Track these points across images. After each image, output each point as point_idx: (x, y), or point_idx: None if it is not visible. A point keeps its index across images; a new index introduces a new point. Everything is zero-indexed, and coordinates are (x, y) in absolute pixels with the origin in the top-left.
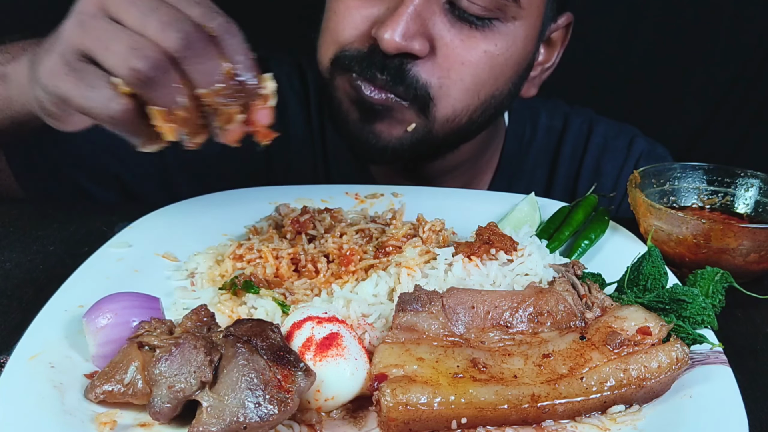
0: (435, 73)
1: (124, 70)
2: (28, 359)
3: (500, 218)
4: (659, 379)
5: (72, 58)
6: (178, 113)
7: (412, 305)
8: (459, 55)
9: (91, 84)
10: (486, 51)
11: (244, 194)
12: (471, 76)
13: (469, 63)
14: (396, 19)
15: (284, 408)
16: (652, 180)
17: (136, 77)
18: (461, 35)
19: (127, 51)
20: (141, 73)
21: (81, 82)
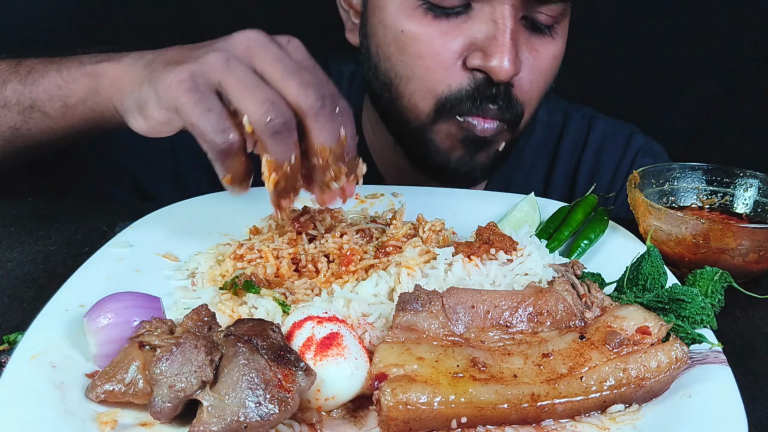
0: (524, 88)
1: (259, 116)
2: (29, 359)
3: (500, 218)
4: (659, 378)
5: (203, 83)
6: (285, 168)
7: (412, 305)
8: (537, 66)
9: (211, 108)
10: (554, 56)
11: (245, 194)
12: (545, 81)
13: (544, 70)
14: (503, 47)
15: (285, 407)
16: (652, 180)
17: (267, 126)
18: (535, 47)
19: (266, 101)
20: (272, 124)
21: (203, 103)
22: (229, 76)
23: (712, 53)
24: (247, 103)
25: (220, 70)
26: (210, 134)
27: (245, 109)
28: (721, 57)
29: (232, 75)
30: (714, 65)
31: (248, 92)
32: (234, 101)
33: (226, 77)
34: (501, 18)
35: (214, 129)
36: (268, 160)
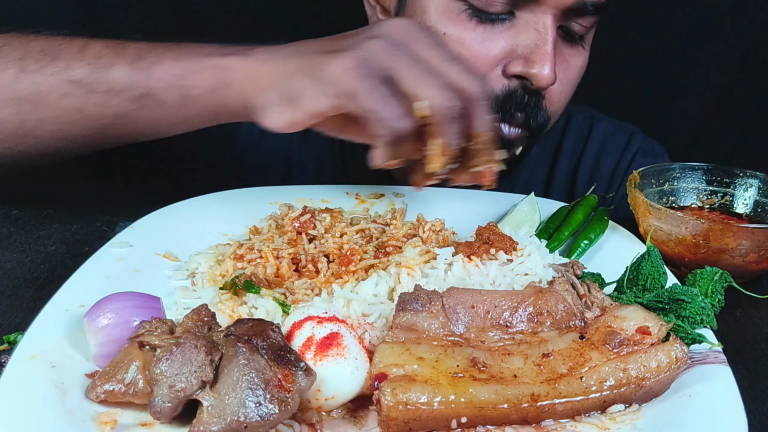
0: (553, 98)
1: (442, 101)
2: (29, 359)
3: (500, 218)
4: (659, 378)
5: (375, 72)
6: (452, 151)
7: (412, 305)
8: (566, 77)
9: (385, 95)
10: (582, 66)
11: (244, 194)
12: (571, 90)
13: (572, 81)
14: (547, 54)
15: (285, 407)
16: (652, 180)
17: (449, 111)
18: (566, 57)
19: (442, 87)
20: (453, 110)
21: (378, 90)
22: (399, 63)
23: (713, 53)
24: (426, 89)
25: (388, 57)
26: (391, 120)
27: (424, 95)
28: (721, 57)
29: (401, 61)
30: (714, 65)
31: (423, 78)
32: (408, 87)
33: (396, 63)
34: (543, 27)
35: (395, 115)
36: (442, 144)
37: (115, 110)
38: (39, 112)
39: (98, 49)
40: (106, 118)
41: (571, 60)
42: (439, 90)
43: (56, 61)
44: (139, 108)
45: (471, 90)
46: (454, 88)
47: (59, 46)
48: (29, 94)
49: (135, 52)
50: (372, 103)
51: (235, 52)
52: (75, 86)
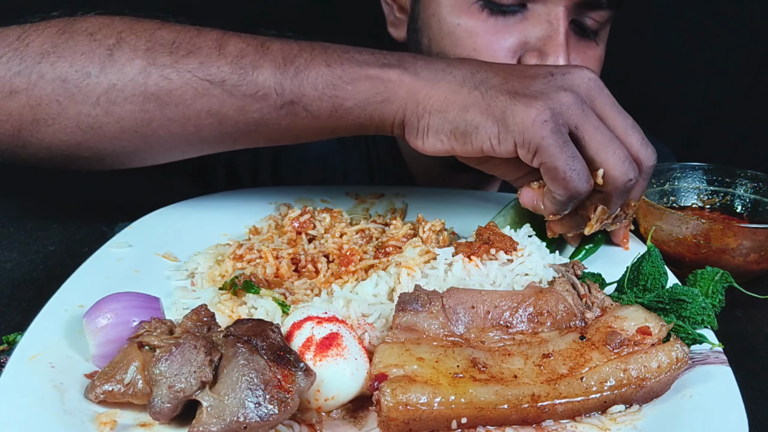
0: None
1: (621, 174)
2: (29, 359)
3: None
4: (659, 378)
5: (563, 126)
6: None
7: (412, 305)
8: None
9: (575, 156)
10: (599, 58)
11: (244, 194)
12: None
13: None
14: (559, 48)
15: (284, 408)
16: (652, 180)
17: (625, 185)
18: (582, 50)
19: (627, 159)
20: (629, 184)
21: (567, 147)
22: (588, 124)
23: (713, 53)
24: (610, 159)
25: (578, 115)
26: (575, 181)
27: (605, 164)
28: (721, 57)
29: (590, 123)
30: (714, 65)
31: (608, 147)
32: (593, 152)
33: (585, 124)
34: (555, 19)
35: (580, 177)
36: (603, 209)
37: (256, 116)
38: (168, 112)
39: (239, 46)
40: (243, 124)
41: (587, 52)
42: (621, 161)
43: (192, 56)
44: (284, 116)
45: (647, 162)
46: (634, 159)
47: (193, 39)
48: (159, 91)
49: (281, 53)
50: (560, 162)
51: (396, 64)
52: (214, 86)
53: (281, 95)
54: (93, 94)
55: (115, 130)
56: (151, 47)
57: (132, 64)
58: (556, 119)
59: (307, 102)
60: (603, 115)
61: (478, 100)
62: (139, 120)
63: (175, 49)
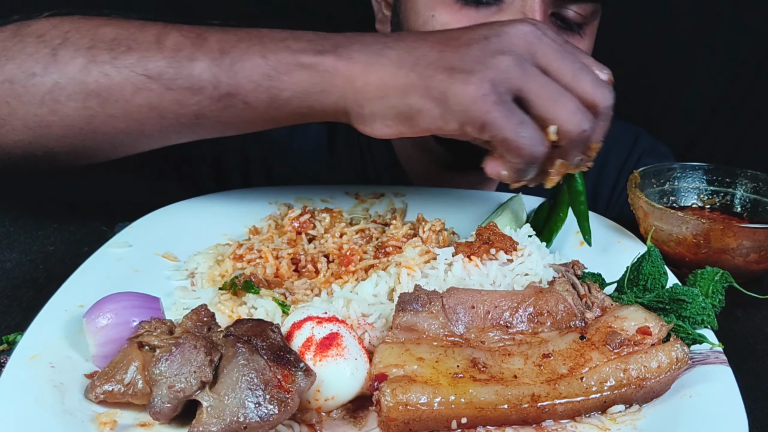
0: None
1: (574, 127)
2: (29, 359)
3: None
4: (659, 378)
5: (504, 92)
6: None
7: (412, 305)
8: None
9: (522, 122)
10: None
11: (244, 194)
12: None
13: None
14: None
15: (284, 408)
16: (652, 180)
17: (580, 136)
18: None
19: (577, 110)
20: (584, 134)
21: (513, 116)
22: (530, 84)
23: (713, 53)
24: (559, 113)
25: (519, 77)
26: (528, 147)
27: (556, 120)
28: (721, 57)
29: (533, 82)
30: (714, 65)
31: (556, 102)
32: (541, 111)
33: (527, 85)
34: (531, 11)
35: (533, 141)
36: (563, 163)
37: (195, 109)
38: (109, 108)
39: (177, 40)
40: (184, 117)
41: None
42: (572, 113)
43: (131, 52)
44: (222, 108)
45: (603, 104)
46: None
47: (133, 35)
48: (99, 88)
49: (218, 44)
50: (508, 132)
51: (331, 50)
52: (152, 81)
53: (217, 87)
54: (38, 93)
55: (61, 129)
56: (93, 45)
57: (74, 63)
58: (497, 89)
59: (243, 94)
60: (547, 67)
61: (417, 82)
62: (82, 117)
63: (116, 45)
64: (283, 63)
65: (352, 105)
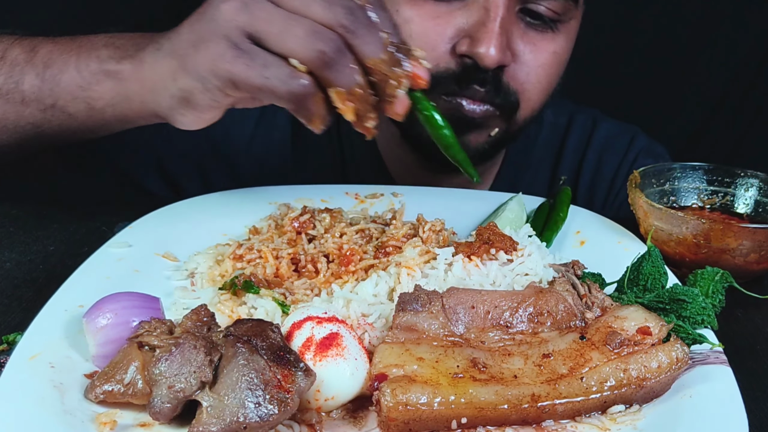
0: (519, 79)
1: (309, 53)
2: (28, 359)
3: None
4: (659, 379)
5: (239, 40)
6: (356, 92)
7: (412, 305)
8: (534, 60)
9: (266, 63)
10: (554, 52)
11: (244, 194)
12: (545, 77)
13: (543, 65)
14: (490, 34)
15: (284, 408)
16: (652, 180)
17: (321, 60)
18: (533, 40)
19: (308, 34)
20: (326, 56)
21: (254, 62)
22: (258, 22)
23: (713, 54)
24: (290, 44)
25: (246, 19)
26: (281, 87)
27: (291, 52)
28: (721, 57)
29: (259, 18)
30: (714, 65)
31: (284, 32)
32: (275, 48)
33: (255, 25)
34: (494, 6)
35: (282, 81)
36: (337, 92)
37: (31, 120)
38: None
39: (16, 54)
40: (22, 127)
41: (539, 44)
42: (304, 39)
43: None
44: (52, 119)
45: (338, 25)
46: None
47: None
48: None
49: (44, 57)
50: (254, 80)
51: (130, 55)
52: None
53: (42, 100)
54: None
55: None
56: None
57: None
58: (231, 40)
59: (63, 105)
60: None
61: (177, 64)
62: None
63: None
64: (92, 73)
65: (153, 106)
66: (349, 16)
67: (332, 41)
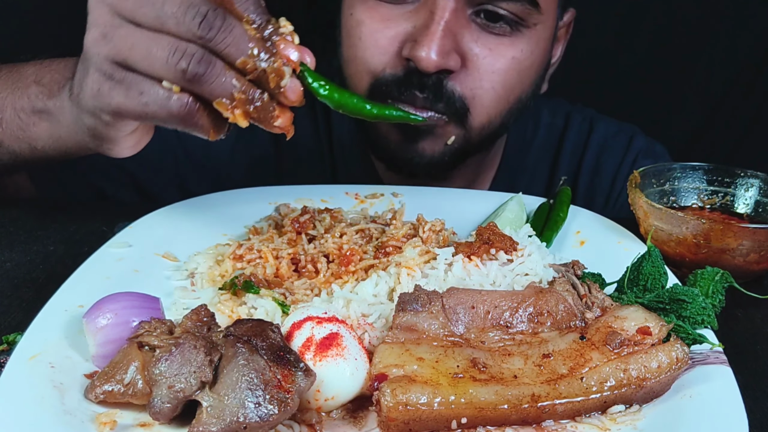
0: (468, 84)
1: (174, 73)
2: (28, 359)
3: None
4: (659, 379)
5: (110, 69)
6: (238, 97)
7: (412, 305)
8: (489, 65)
9: (141, 89)
10: (513, 57)
11: (244, 194)
12: (501, 83)
13: (499, 71)
14: (431, 37)
15: (284, 408)
16: (652, 180)
17: (187, 77)
18: (489, 45)
19: (168, 54)
20: (189, 72)
21: (130, 90)
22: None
23: (713, 54)
24: (155, 67)
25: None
26: (161, 111)
27: (158, 75)
28: (721, 57)
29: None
30: (714, 65)
31: (147, 56)
32: (144, 72)
33: (120, 53)
34: (439, 9)
35: (160, 104)
36: (217, 103)
37: None
38: None
39: None
40: None
41: (497, 48)
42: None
43: None
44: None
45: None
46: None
47: None
48: None
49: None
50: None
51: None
52: None
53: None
54: None
55: None
56: None
57: None
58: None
59: (8, 145)
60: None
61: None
62: None
63: None
64: (27, 114)
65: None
66: (204, 24)
67: (193, 55)
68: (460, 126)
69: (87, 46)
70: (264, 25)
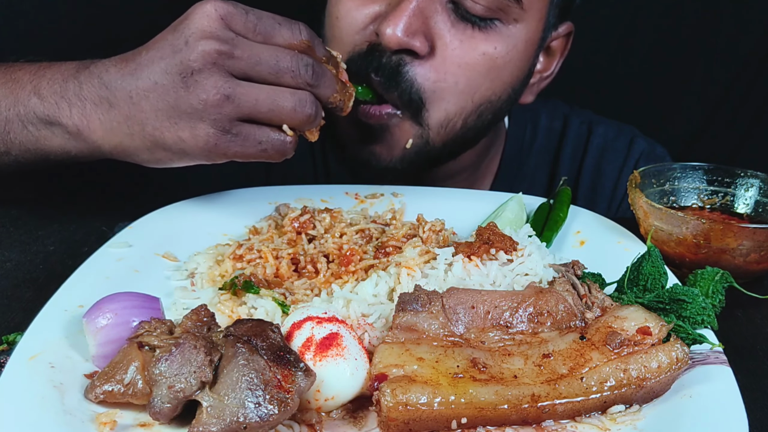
0: (430, 76)
1: (300, 118)
2: (28, 359)
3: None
4: (659, 379)
5: (229, 126)
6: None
7: (412, 305)
8: (457, 57)
9: (259, 139)
10: (485, 53)
11: (244, 194)
12: (466, 78)
13: (466, 65)
14: (398, 14)
15: (284, 408)
16: (652, 180)
17: (310, 119)
18: (461, 35)
19: (294, 105)
20: (312, 116)
21: (248, 141)
22: (245, 109)
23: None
24: (282, 117)
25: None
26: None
27: (284, 122)
28: (721, 57)
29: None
30: (714, 65)
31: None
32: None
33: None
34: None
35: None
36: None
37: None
38: None
39: None
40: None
41: (468, 41)
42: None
43: None
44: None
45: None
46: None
47: None
48: None
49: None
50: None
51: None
52: None
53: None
54: None
55: None
56: None
57: None
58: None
59: (17, 155)
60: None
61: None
62: None
63: None
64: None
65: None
66: (314, 74)
67: (311, 102)
68: (416, 123)
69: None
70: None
